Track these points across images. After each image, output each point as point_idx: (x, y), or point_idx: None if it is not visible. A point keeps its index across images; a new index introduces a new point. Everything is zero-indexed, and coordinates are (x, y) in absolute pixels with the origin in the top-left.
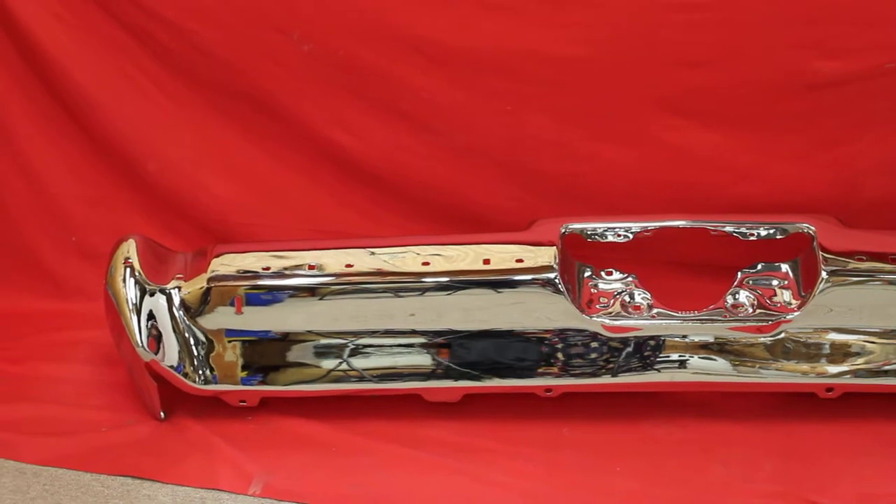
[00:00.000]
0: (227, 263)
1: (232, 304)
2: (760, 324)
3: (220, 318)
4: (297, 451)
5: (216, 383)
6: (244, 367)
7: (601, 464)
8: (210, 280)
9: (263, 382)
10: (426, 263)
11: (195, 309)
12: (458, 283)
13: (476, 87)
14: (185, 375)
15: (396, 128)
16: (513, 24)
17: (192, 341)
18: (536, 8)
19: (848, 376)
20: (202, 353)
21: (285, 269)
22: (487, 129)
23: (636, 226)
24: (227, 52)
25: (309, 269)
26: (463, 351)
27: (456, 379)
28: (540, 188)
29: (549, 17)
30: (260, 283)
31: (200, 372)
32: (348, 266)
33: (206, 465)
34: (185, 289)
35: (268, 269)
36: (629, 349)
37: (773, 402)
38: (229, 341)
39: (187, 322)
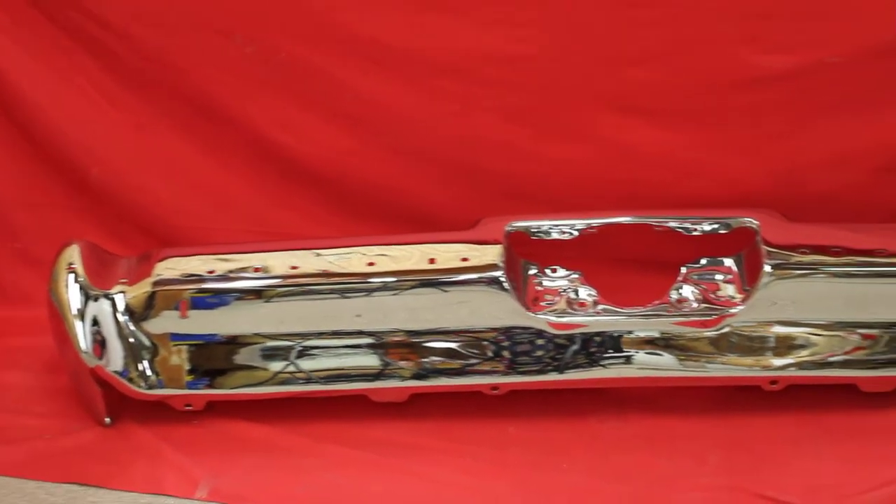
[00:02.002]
0: (171, 267)
1: (177, 308)
2: (705, 318)
3: (166, 322)
4: (244, 454)
5: (161, 388)
6: (190, 371)
7: (548, 460)
8: (154, 284)
9: (210, 386)
10: (371, 264)
11: (140, 313)
12: (404, 283)
13: (421, 87)
14: (130, 380)
15: (341, 129)
16: (458, 24)
17: (136, 346)
18: (481, 8)
19: (792, 368)
20: (147, 357)
21: (230, 271)
22: (433, 129)
23: (581, 223)
24: (170, 56)
25: (254, 271)
26: (409, 350)
27: (403, 379)
28: (486, 187)
29: (495, 16)
30: (205, 286)
31: (145, 376)
32: (294, 268)
33: (153, 470)
34: (130, 293)
35: (213, 272)
36: (575, 346)
37: (718, 395)
38: (175, 345)
39: (132, 327)
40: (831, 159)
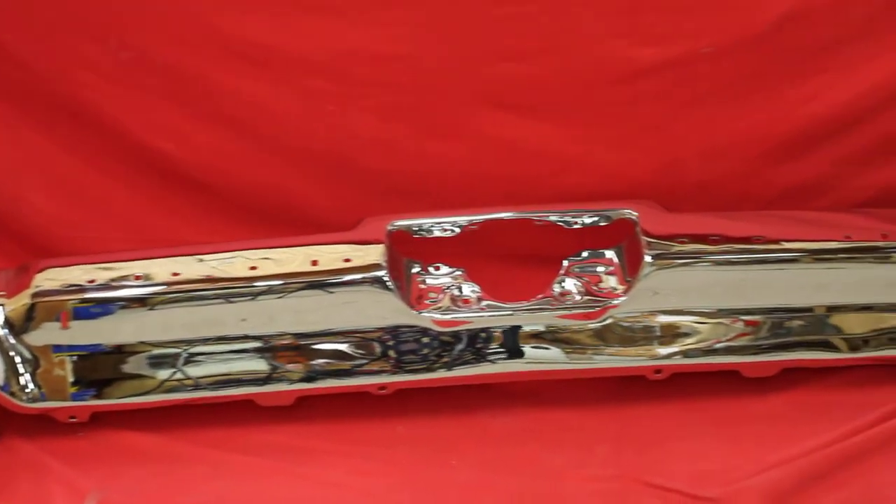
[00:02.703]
0: (51, 278)
1: (58, 320)
2: (588, 311)
3: (47, 333)
4: (132, 464)
5: (44, 400)
6: (74, 383)
7: (438, 457)
8: (34, 296)
9: (95, 397)
10: (254, 268)
11: (19, 326)
12: (288, 286)
13: (299, 88)
14: (12, 394)
15: (219, 132)
16: (334, 24)
17: (17, 359)
18: (357, 8)
19: (678, 357)
20: (29, 370)
21: (112, 280)
22: (312, 130)
23: (462, 220)
24: (44, 64)
25: (136, 279)
26: (297, 353)
27: (291, 382)
28: (367, 187)
29: (370, 16)
30: (86, 296)
31: (28, 390)
32: (175, 274)
33: (38, 484)
34: (8, 306)
35: (93, 281)
36: (461, 342)
37: (604, 386)
38: (57, 357)
39: (12, 340)
40: (708, 149)
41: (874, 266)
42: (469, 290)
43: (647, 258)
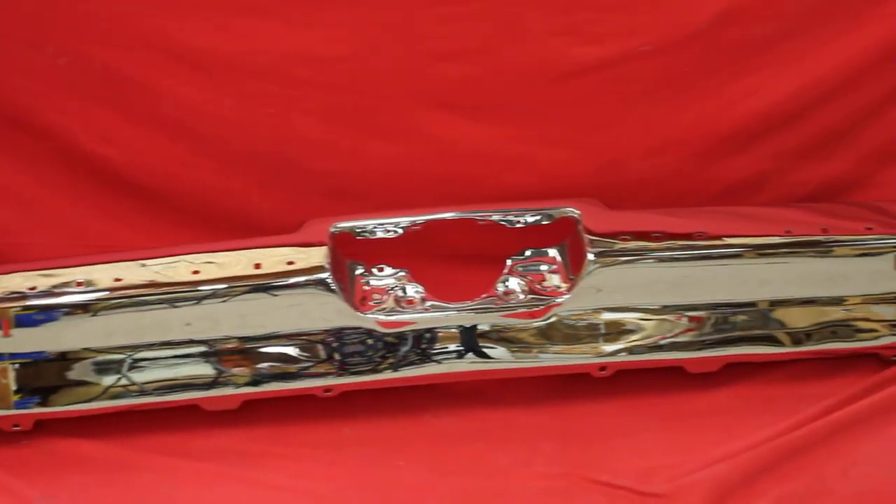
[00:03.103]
0: None
1: None
2: (532, 309)
3: None
4: (77, 472)
5: None
6: (17, 391)
7: (385, 459)
8: None
9: (40, 404)
10: (197, 272)
11: None
12: (232, 289)
13: (239, 91)
14: None
15: (160, 137)
16: (272, 26)
17: None
18: (294, 9)
19: (623, 354)
20: None
21: (53, 287)
22: (253, 132)
23: (405, 220)
24: None
25: (77, 285)
26: (241, 357)
27: (237, 386)
28: (309, 189)
29: (309, 17)
30: (28, 303)
31: None
32: (118, 280)
33: None
34: None
35: (34, 288)
36: (406, 343)
37: (550, 384)
38: None
39: None
40: (649, 147)
41: (815, 260)
42: (413, 290)
43: (590, 256)
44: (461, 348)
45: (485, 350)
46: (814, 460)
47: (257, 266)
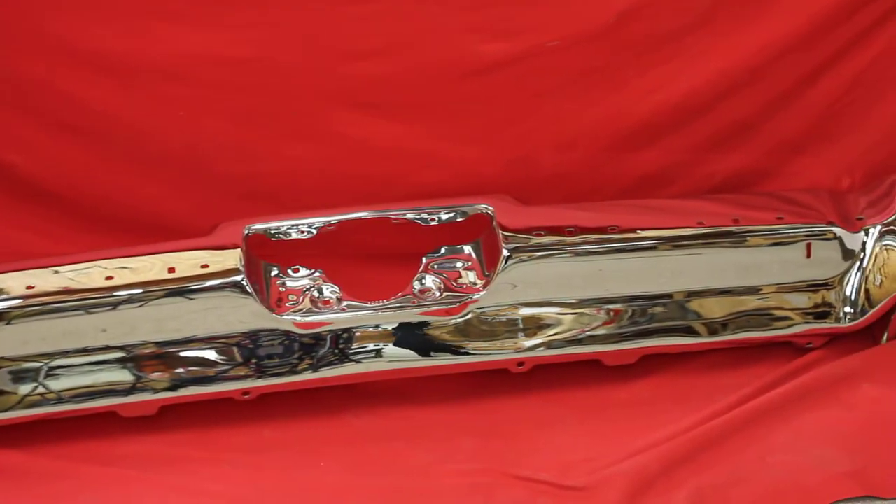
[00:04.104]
0: None
1: None
2: (449, 306)
3: None
4: None
5: None
6: None
7: (305, 460)
8: None
9: None
10: (110, 278)
11: None
12: (147, 294)
13: (149, 94)
14: None
15: (69, 142)
16: (180, 29)
17: None
18: (202, 12)
19: (540, 349)
20: None
21: None
22: (163, 136)
23: (319, 221)
24: None
25: None
26: (158, 362)
27: (155, 391)
28: (223, 191)
29: (217, 20)
30: None
31: None
32: (30, 287)
33: None
34: None
35: None
36: (323, 344)
37: (468, 381)
38: None
39: None
40: (560, 141)
41: (728, 251)
42: (329, 291)
43: (505, 252)
44: (379, 347)
45: (402, 349)
46: (731, 449)
47: (171, 270)
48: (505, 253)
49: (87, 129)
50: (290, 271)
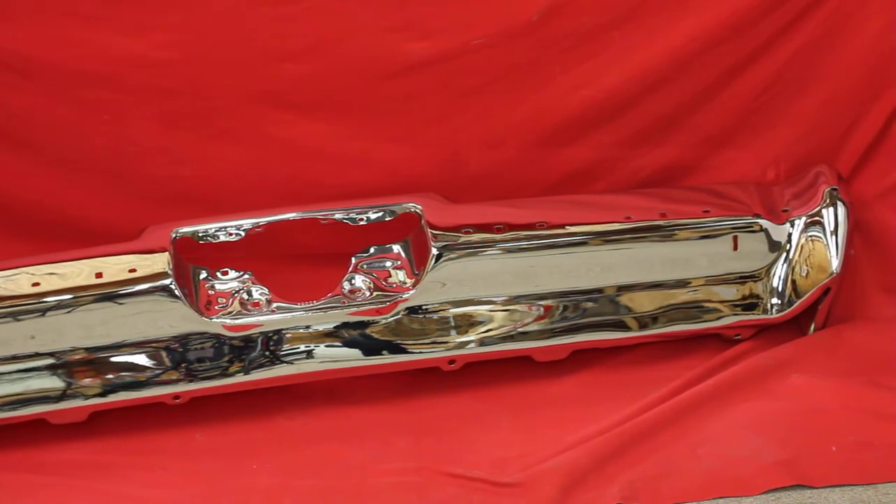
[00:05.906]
0: None
1: None
2: (379, 306)
3: None
4: None
5: None
6: None
7: (238, 464)
8: None
9: None
10: (37, 284)
11: None
12: (75, 300)
13: (73, 99)
14: None
15: None
16: (103, 32)
17: None
18: (125, 15)
19: (471, 346)
20: None
21: None
22: (89, 140)
23: (247, 223)
24: None
25: None
26: (88, 368)
27: (85, 398)
28: (150, 195)
29: (139, 23)
30: None
31: None
32: None
33: None
34: None
35: None
36: (254, 346)
37: (400, 380)
38: None
39: None
40: (487, 139)
41: (657, 244)
42: (258, 293)
43: (434, 250)
44: (310, 348)
45: (333, 349)
46: (663, 442)
47: (99, 275)
48: (434, 251)
49: (13, 134)
50: (218, 274)
